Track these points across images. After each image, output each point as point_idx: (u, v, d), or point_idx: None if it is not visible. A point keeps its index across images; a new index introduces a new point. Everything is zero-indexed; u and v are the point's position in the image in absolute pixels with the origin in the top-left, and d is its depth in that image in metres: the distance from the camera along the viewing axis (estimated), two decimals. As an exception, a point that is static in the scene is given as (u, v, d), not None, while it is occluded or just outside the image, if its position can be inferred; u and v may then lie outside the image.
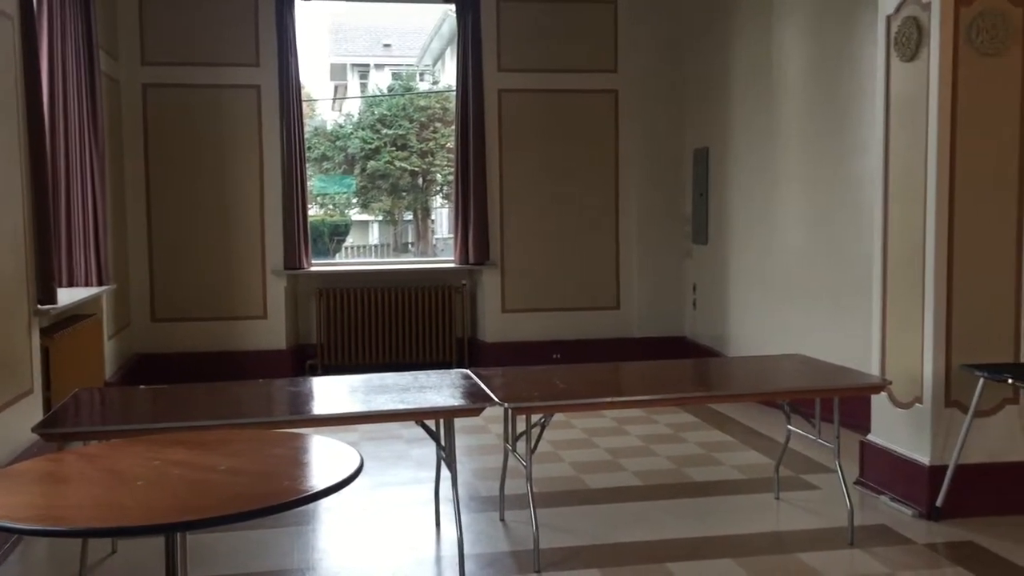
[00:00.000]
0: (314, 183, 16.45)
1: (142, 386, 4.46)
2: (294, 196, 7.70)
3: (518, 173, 8.04)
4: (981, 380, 4.06)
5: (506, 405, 3.64)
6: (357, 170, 16.69)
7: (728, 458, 5.31)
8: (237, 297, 7.76)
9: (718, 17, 7.43)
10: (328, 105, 21.85)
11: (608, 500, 4.60)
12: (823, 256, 6.01)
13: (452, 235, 8.42)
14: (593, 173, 8.15)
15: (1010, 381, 3.93)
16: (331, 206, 17.91)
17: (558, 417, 5.68)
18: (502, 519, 4.27)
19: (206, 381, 4.43)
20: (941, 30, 4.12)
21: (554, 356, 7.70)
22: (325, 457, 2.60)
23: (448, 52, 18.84)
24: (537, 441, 3.85)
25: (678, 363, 5.64)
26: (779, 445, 4.66)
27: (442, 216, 17.95)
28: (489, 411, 3.75)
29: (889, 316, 4.55)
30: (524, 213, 8.07)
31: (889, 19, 4.48)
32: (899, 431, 4.45)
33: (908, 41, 4.31)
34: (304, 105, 8.66)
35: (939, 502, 4.17)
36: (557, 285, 8.13)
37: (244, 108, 7.70)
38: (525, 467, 3.76)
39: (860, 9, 5.39)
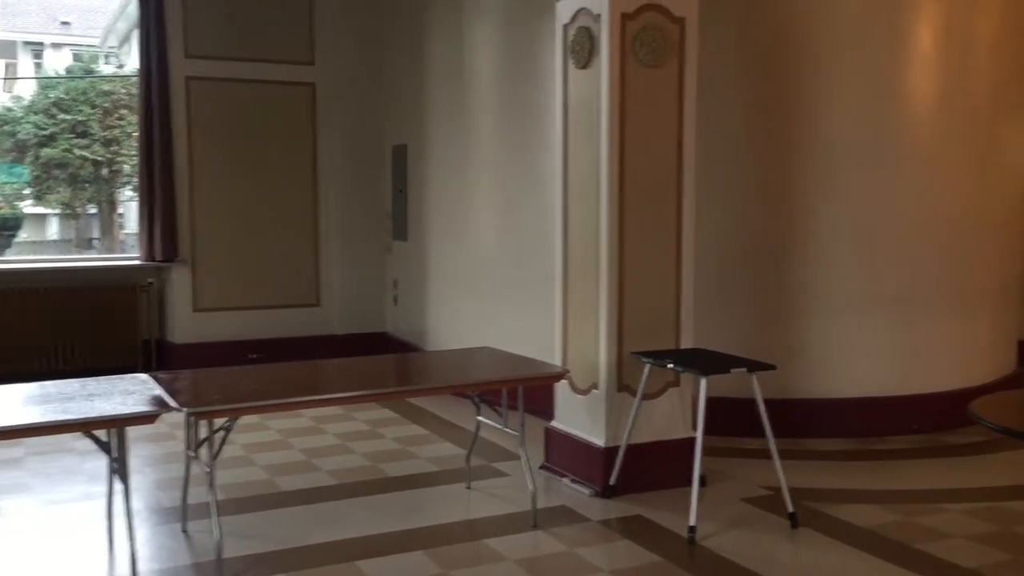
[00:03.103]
0: (-23, 172, 14.71)
1: None
2: (-55, 185, 6.83)
3: (210, 166, 7.65)
4: (647, 366, 4.42)
5: (184, 410, 3.44)
6: (30, 158, 15.10)
7: (423, 451, 5.39)
8: None
9: (413, 13, 7.50)
10: (-5, 85, 19.63)
11: (300, 502, 4.49)
12: (513, 251, 6.27)
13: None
14: (291, 167, 7.93)
15: (670, 366, 4.31)
16: (-1, 198, 16.11)
17: (253, 419, 5.51)
18: (184, 530, 4.04)
19: None
20: (609, 42, 4.41)
21: (251, 356, 7.42)
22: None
23: (136, 34, 17.57)
24: (221, 446, 3.68)
25: (376, 359, 5.63)
26: (472, 436, 4.80)
27: (131, 210, 16.73)
28: (176, 417, 3.53)
29: (569, 308, 4.82)
30: (217, 208, 7.68)
31: (566, 28, 4.74)
32: (578, 416, 4.74)
33: (582, 49, 4.58)
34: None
35: (612, 480, 4.49)
36: (254, 282, 7.84)
37: None
38: (208, 474, 3.58)
39: (542, 16, 5.65)
